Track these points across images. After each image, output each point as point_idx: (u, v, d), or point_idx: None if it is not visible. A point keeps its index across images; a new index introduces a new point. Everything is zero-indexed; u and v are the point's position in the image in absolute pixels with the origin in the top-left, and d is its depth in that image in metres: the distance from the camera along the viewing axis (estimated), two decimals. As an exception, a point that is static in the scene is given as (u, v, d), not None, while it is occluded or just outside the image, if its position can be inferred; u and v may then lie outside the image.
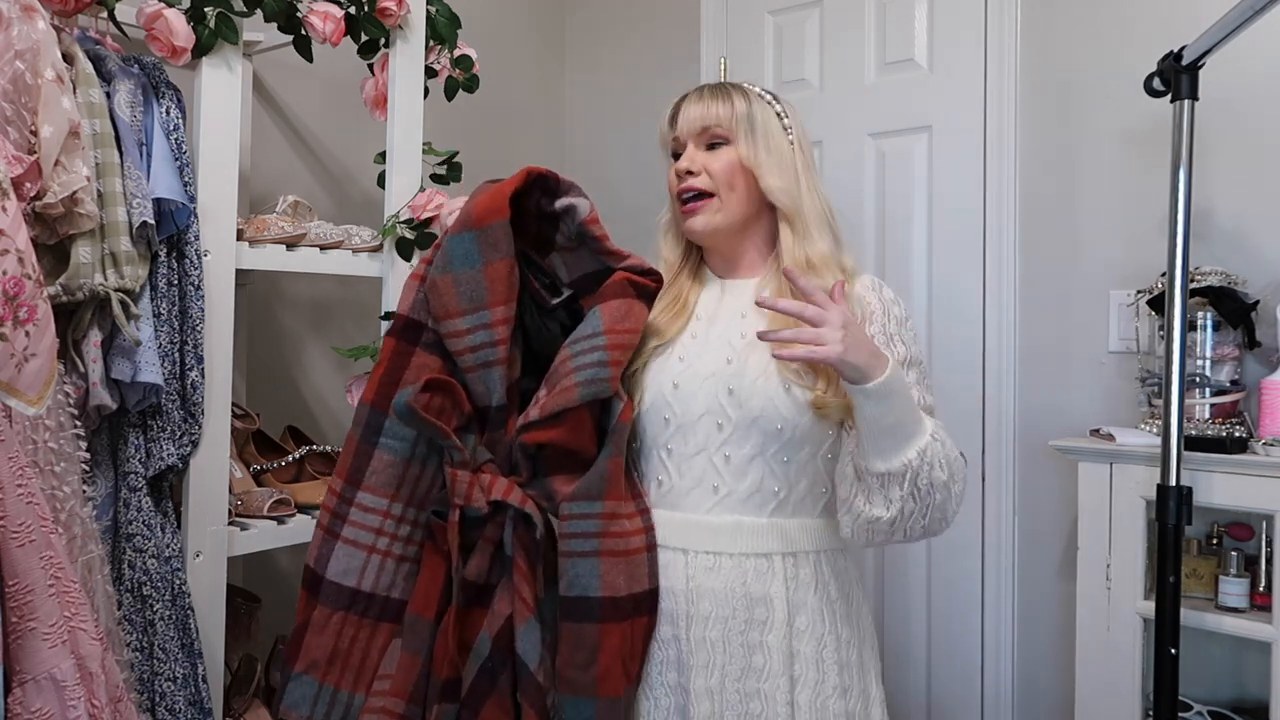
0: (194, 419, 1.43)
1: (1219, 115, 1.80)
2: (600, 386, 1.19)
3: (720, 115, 1.31)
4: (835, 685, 1.24)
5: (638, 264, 1.27)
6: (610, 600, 1.16)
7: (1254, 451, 1.65)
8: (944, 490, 1.17)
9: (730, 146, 1.31)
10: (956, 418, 2.16)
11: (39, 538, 1.06)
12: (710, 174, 1.31)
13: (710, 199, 1.31)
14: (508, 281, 1.23)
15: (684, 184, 1.32)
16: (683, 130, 1.34)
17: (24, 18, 1.19)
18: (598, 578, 1.16)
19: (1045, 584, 2.06)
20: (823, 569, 1.28)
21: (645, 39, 2.70)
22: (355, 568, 1.23)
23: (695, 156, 1.32)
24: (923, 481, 1.15)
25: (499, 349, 1.21)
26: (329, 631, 1.23)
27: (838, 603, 1.28)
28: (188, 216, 1.41)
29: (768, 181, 1.30)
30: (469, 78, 1.83)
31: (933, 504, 1.17)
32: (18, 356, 1.10)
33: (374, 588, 1.24)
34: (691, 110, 1.33)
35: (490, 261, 1.22)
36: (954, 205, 2.18)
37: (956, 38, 2.18)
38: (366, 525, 1.24)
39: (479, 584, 1.21)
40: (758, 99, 1.34)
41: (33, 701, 1.05)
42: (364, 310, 2.12)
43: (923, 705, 2.21)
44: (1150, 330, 1.83)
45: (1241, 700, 1.80)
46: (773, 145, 1.31)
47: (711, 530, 1.25)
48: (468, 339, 1.22)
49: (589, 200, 1.28)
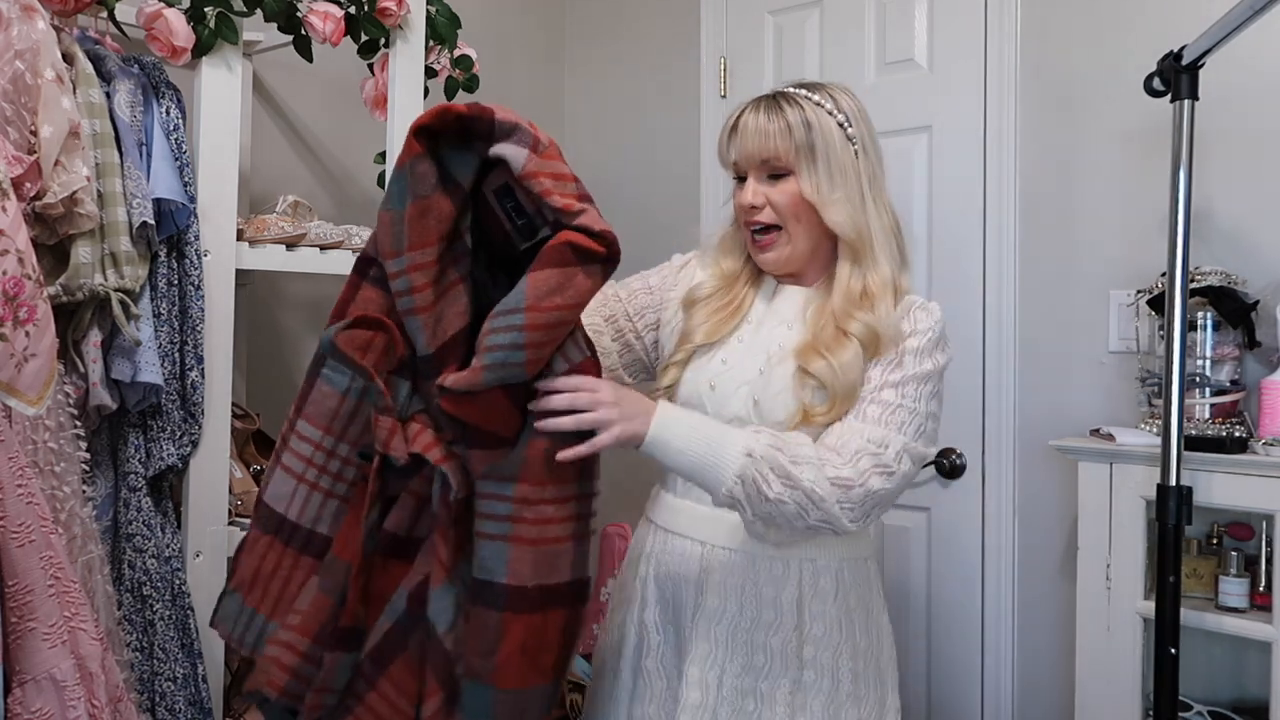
0: (194, 419, 1.44)
1: (1219, 115, 1.80)
2: (510, 371, 1.08)
3: (779, 147, 1.25)
4: (849, 693, 1.25)
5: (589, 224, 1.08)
6: (516, 589, 1.09)
7: (1254, 451, 1.65)
8: (779, 503, 1.12)
9: (792, 178, 1.26)
10: (957, 418, 2.16)
11: (39, 538, 1.06)
12: (774, 207, 1.27)
13: (779, 232, 1.28)
14: (434, 221, 1.11)
15: (750, 218, 1.29)
16: (741, 157, 1.29)
17: (24, 18, 1.20)
18: (504, 564, 1.09)
19: (1045, 584, 2.06)
20: (844, 577, 1.28)
21: (645, 39, 2.70)
22: (285, 494, 1.20)
23: (758, 190, 1.28)
24: (759, 503, 1.12)
25: (415, 297, 1.12)
26: (255, 553, 1.21)
27: (856, 612, 1.28)
28: (188, 216, 1.41)
29: (831, 217, 1.26)
30: (469, 78, 1.83)
31: (779, 516, 1.14)
32: (18, 356, 1.10)
33: (299, 518, 1.20)
34: (748, 135, 1.27)
35: (412, 201, 1.11)
36: (954, 205, 2.18)
37: (956, 38, 2.18)
38: (299, 454, 1.20)
39: (400, 536, 1.16)
40: (816, 110, 1.27)
41: (33, 701, 1.05)
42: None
43: (923, 705, 2.21)
44: (1150, 330, 1.83)
45: (1241, 700, 1.80)
46: (834, 170, 1.26)
47: (731, 527, 1.25)
48: (395, 283, 1.13)
49: (527, 149, 1.09)
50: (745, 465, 1.11)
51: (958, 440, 2.16)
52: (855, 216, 1.26)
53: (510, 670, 1.08)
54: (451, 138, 1.11)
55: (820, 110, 1.27)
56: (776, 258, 1.30)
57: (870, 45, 2.30)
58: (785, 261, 1.30)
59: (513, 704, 1.09)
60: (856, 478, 1.14)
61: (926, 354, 1.24)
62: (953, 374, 2.15)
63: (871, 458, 1.16)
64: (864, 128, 1.31)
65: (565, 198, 1.08)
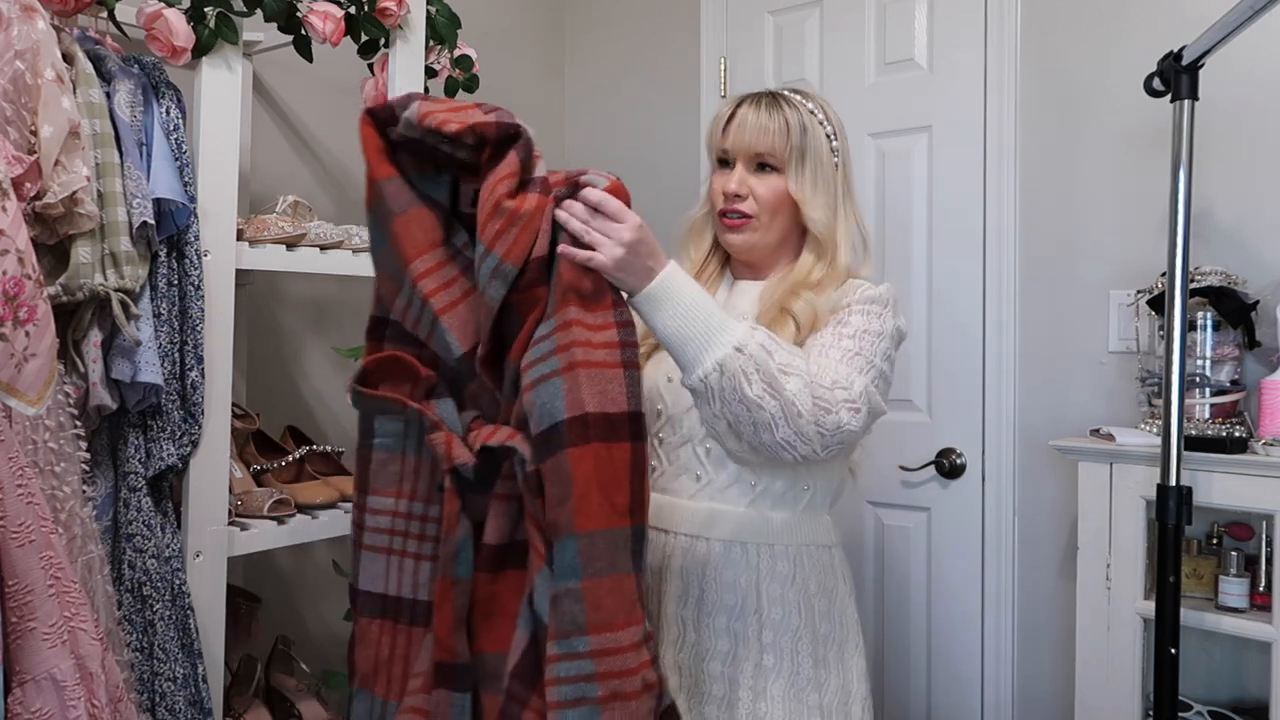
0: (194, 419, 1.44)
1: (1219, 115, 1.80)
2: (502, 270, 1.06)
3: (775, 144, 1.30)
4: (810, 679, 1.26)
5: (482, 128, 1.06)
6: (576, 420, 1.02)
7: (1254, 451, 1.65)
8: (754, 407, 1.09)
9: (779, 175, 1.31)
10: (957, 418, 2.16)
11: (39, 538, 1.06)
12: (756, 198, 1.32)
13: (751, 220, 1.32)
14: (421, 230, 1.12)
15: (730, 205, 1.33)
16: (734, 147, 1.33)
17: (24, 18, 1.19)
18: (561, 397, 1.02)
19: (1045, 584, 2.06)
20: (803, 563, 1.30)
21: (645, 39, 2.70)
22: (379, 573, 1.18)
23: (744, 179, 1.32)
24: (732, 400, 1.09)
25: (431, 302, 1.10)
26: (369, 641, 1.19)
27: (817, 597, 1.30)
28: (188, 216, 1.41)
29: (811, 214, 1.31)
30: (469, 78, 1.83)
31: (744, 422, 1.10)
32: (18, 356, 1.10)
33: (399, 590, 1.18)
34: (747, 128, 1.31)
35: (388, 228, 1.12)
36: (954, 205, 2.18)
37: (956, 38, 2.18)
38: (379, 528, 1.19)
39: (506, 544, 1.10)
40: (810, 118, 1.32)
41: (33, 701, 1.05)
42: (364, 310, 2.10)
43: (923, 705, 2.21)
44: (1150, 330, 1.83)
45: (1241, 700, 1.80)
46: (820, 175, 1.31)
47: (691, 515, 1.30)
48: (410, 313, 1.13)
49: (415, 102, 1.09)
50: (731, 356, 1.08)
51: (958, 440, 2.16)
52: (829, 219, 1.32)
53: (588, 509, 1.02)
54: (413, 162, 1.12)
55: (814, 119, 1.33)
56: (744, 241, 1.33)
57: (870, 45, 2.30)
58: (750, 248, 1.34)
59: (597, 546, 1.02)
60: (833, 405, 1.12)
61: (874, 314, 1.25)
62: (953, 374, 2.17)
63: (842, 391, 1.14)
64: (845, 145, 1.37)
65: (455, 123, 1.06)
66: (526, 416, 1.05)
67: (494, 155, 1.07)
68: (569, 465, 1.02)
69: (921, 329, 2.21)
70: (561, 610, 1.02)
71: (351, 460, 1.89)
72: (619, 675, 1.02)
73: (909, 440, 2.20)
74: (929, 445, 2.19)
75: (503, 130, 1.06)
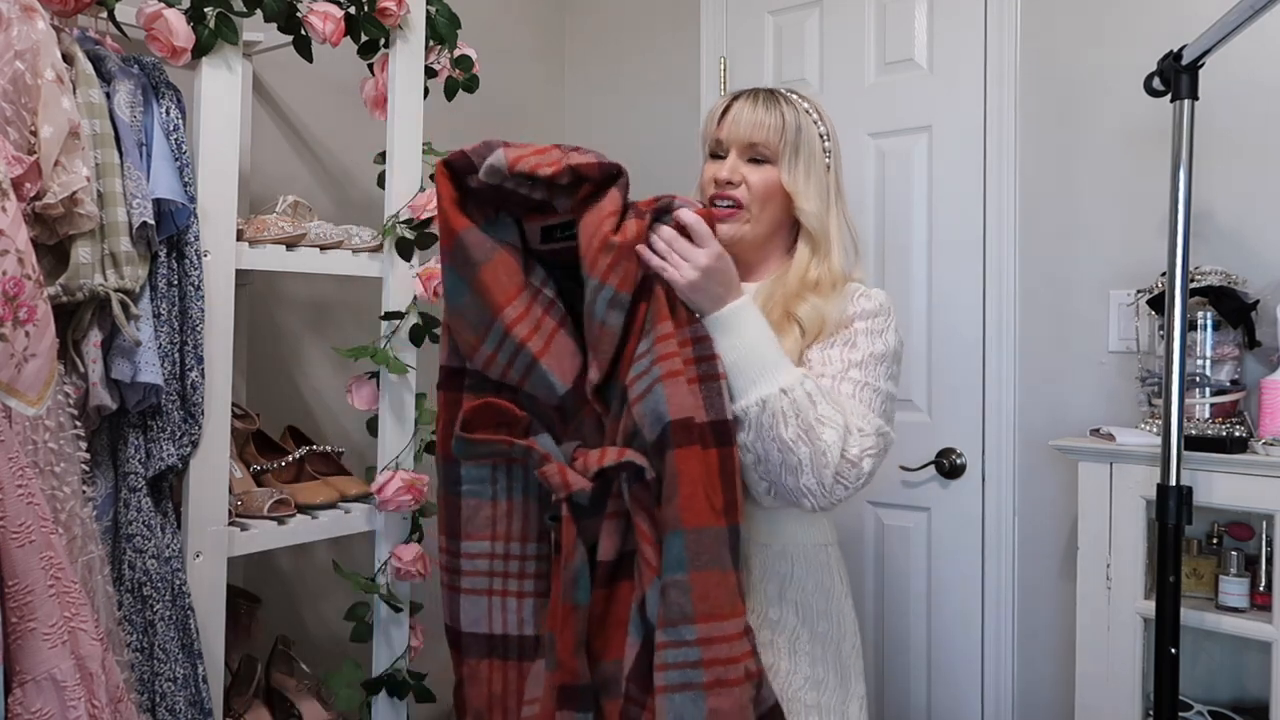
0: (194, 419, 1.43)
1: (1219, 115, 1.80)
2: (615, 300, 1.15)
3: (769, 134, 1.31)
4: (808, 677, 1.26)
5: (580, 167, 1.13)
6: (680, 423, 1.10)
7: (1254, 451, 1.65)
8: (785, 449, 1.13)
9: (772, 166, 1.32)
10: (957, 418, 2.16)
11: (39, 538, 1.06)
12: (749, 186, 1.32)
13: (741, 210, 1.33)
14: (506, 275, 1.17)
15: (721, 192, 1.33)
16: (729, 137, 1.34)
17: (24, 18, 1.19)
18: (665, 403, 1.10)
19: (1045, 584, 2.06)
20: (800, 563, 1.30)
21: (645, 39, 2.70)
22: (483, 614, 1.23)
23: (737, 167, 1.33)
24: (766, 433, 1.13)
25: (528, 346, 1.16)
26: (480, 681, 1.24)
27: (815, 597, 1.30)
28: (188, 216, 1.41)
29: (803, 205, 1.32)
30: (469, 78, 1.83)
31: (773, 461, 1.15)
32: (18, 357, 1.10)
33: (505, 629, 1.23)
34: (742, 120, 1.33)
35: (474, 278, 1.17)
36: (954, 205, 2.18)
37: (956, 38, 2.18)
38: (478, 571, 1.24)
39: (615, 560, 1.16)
40: (805, 116, 1.34)
41: (33, 701, 1.05)
42: (364, 310, 2.11)
43: (923, 705, 2.21)
44: (1150, 330, 1.83)
45: (1241, 700, 1.80)
46: (813, 169, 1.33)
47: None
48: (499, 358, 1.18)
49: (499, 149, 1.16)
50: (775, 396, 1.13)
51: (958, 440, 2.16)
52: (821, 214, 1.33)
53: (693, 507, 1.09)
54: (479, 210, 1.19)
55: (808, 118, 1.35)
56: (732, 232, 1.32)
57: (870, 45, 2.30)
58: (738, 239, 1.32)
59: (702, 542, 1.09)
60: (859, 458, 1.16)
61: (878, 334, 1.27)
62: (953, 374, 2.17)
63: (865, 438, 1.17)
64: (837, 148, 1.39)
65: (549, 166, 1.13)
66: (638, 429, 1.12)
67: (594, 193, 1.15)
68: (675, 464, 1.09)
69: (922, 329, 2.21)
70: (670, 601, 1.08)
71: (351, 461, 1.91)
72: (723, 663, 1.07)
73: (909, 440, 2.20)
74: (929, 445, 2.19)
75: (604, 170, 1.14)
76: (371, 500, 1.72)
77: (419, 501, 1.72)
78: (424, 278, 1.70)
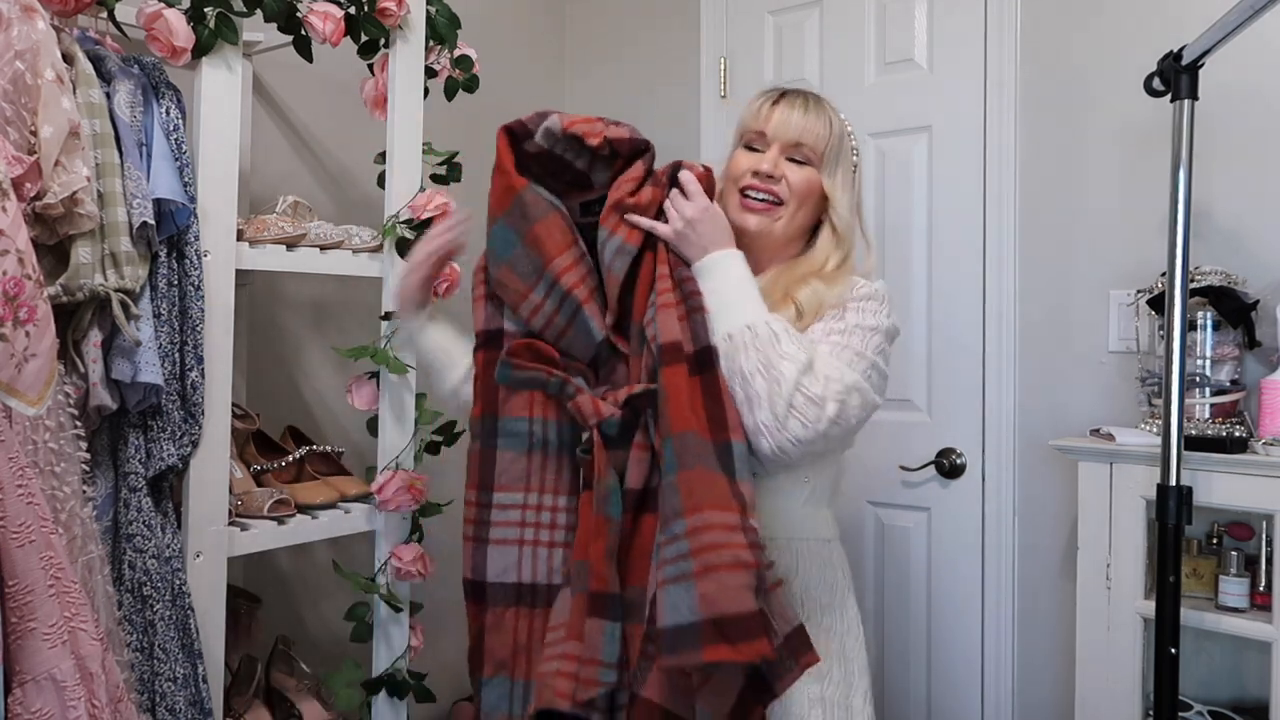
0: (194, 419, 1.43)
1: (1219, 115, 1.80)
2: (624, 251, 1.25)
3: (819, 137, 1.33)
4: (811, 670, 1.25)
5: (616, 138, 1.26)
6: (670, 346, 1.19)
7: (1254, 451, 1.65)
8: (744, 381, 1.17)
9: (813, 168, 1.34)
10: (957, 418, 2.16)
11: (39, 538, 1.06)
12: (790, 184, 1.33)
13: (778, 207, 1.33)
14: (559, 233, 1.26)
15: (759, 184, 1.33)
16: (776, 134, 1.34)
17: (24, 18, 1.19)
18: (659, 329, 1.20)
19: (1045, 584, 2.06)
20: (804, 557, 1.30)
21: (645, 39, 2.70)
22: (512, 564, 1.25)
23: (779, 163, 1.33)
24: (731, 366, 1.19)
25: (575, 294, 1.24)
26: (505, 630, 1.25)
27: (819, 590, 1.30)
28: (188, 216, 1.41)
29: (839, 210, 1.35)
30: (469, 78, 1.83)
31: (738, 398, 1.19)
32: (18, 356, 1.10)
33: (534, 577, 1.25)
34: (793, 121, 1.34)
35: (528, 229, 1.25)
36: (954, 205, 2.18)
37: (956, 38, 2.18)
38: (510, 521, 1.26)
39: (643, 490, 1.20)
40: (842, 124, 1.37)
41: (33, 701, 1.05)
42: (364, 310, 2.11)
43: (923, 705, 2.21)
44: (1150, 330, 1.83)
45: (1241, 700, 1.80)
46: (846, 177, 1.36)
47: None
48: (547, 305, 1.25)
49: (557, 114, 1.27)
50: (740, 330, 1.19)
51: (958, 440, 2.17)
52: (851, 222, 1.37)
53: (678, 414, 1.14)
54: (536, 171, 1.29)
55: (844, 126, 1.38)
56: (764, 225, 1.33)
57: (870, 45, 2.30)
58: (766, 233, 1.34)
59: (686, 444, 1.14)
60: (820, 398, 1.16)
61: (870, 312, 1.29)
62: (953, 374, 2.17)
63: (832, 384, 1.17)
64: (860, 160, 1.42)
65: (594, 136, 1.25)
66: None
67: (625, 164, 1.27)
68: (663, 381, 1.17)
69: (922, 329, 2.21)
70: (665, 500, 1.14)
71: (351, 461, 1.91)
72: (711, 549, 1.10)
73: (909, 440, 2.20)
74: (929, 445, 2.19)
75: (634, 145, 1.26)
76: (371, 500, 1.72)
77: (419, 501, 1.72)
78: (424, 278, 1.70)
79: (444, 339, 1.48)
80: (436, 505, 1.79)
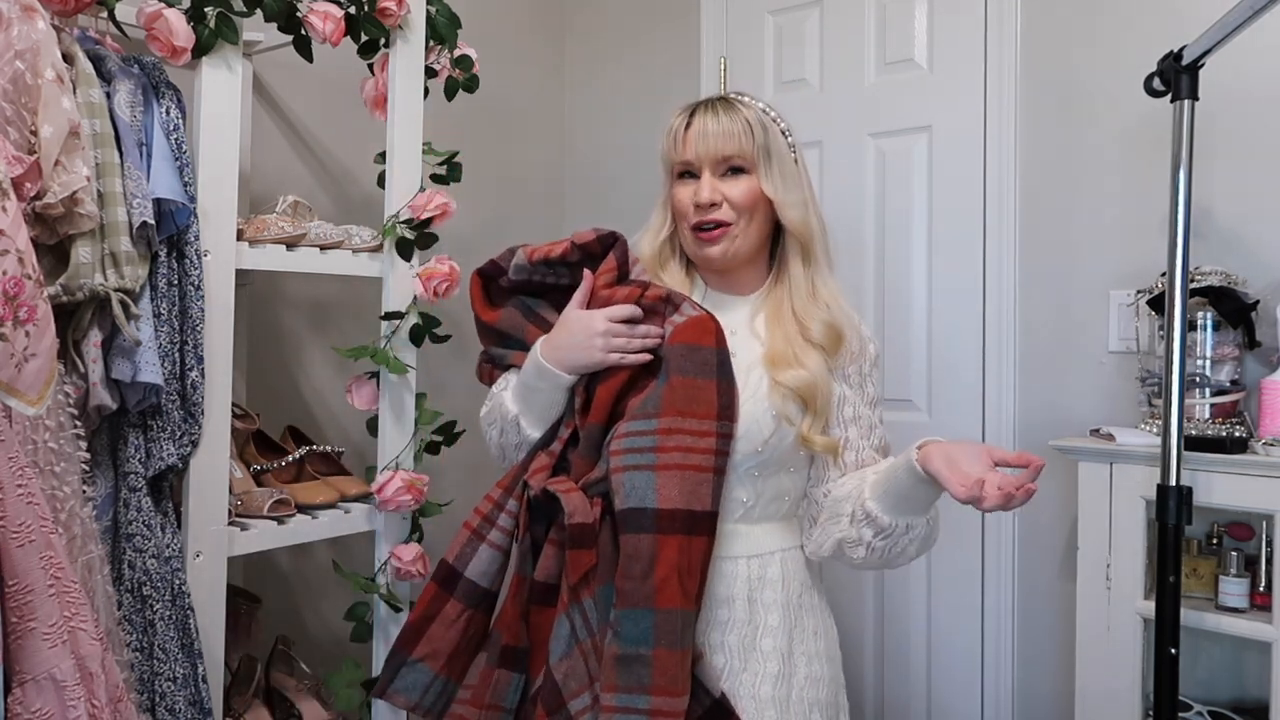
0: (194, 419, 1.43)
1: (1219, 115, 1.80)
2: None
3: (742, 145, 1.28)
4: (807, 675, 1.27)
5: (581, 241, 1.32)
6: (667, 513, 1.15)
7: (1254, 451, 1.65)
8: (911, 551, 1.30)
9: (749, 175, 1.29)
10: (957, 418, 2.16)
11: (39, 538, 1.06)
12: (731, 202, 1.29)
13: (728, 227, 1.29)
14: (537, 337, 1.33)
15: (705, 216, 1.29)
16: (700, 155, 1.29)
17: (24, 18, 1.19)
18: (653, 490, 1.15)
19: (1045, 584, 2.06)
20: (787, 566, 1.31)
21: (645, 39, 2.70)
22: (494, 570, 1.27)
23: (715, 186, 1.28)
24: (897, 546, 1.29)
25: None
26: (457, 627, 1.26)
27: (801, 596, 1.31)
28: (188, 216, 1.41)
29: (788, 213, 1.30)
30: (469, 78, 1.83)
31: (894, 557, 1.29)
32: (18, 356, 1.10)
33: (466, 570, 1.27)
34: (710, 133, 1.28)
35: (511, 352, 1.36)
36: (954, 205, 2.18)
37: (956, 38, 2.18)
38: (480, 510, 1.28)
39: (549, 584, 1.21)
40: (764, 116, 1.31)
41: (33, 701, 1.05)
42: (364, 310, 2.11)
43: (923, 705, 2.21)
44: (1150, 330, 1.83)
45: (1241, 700, 1.80)
46: (786, 170, 1.30)
47: None
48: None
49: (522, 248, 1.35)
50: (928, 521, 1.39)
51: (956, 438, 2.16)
52: (805, 217, 1.32)
53: (667, 590, 1.13)
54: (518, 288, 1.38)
55: (767, 117, 1.32)
56: (724, 250, 1.30)
57: (870, 45, 2.30)
58: (730, 256, 1.31)
59: (671, 624, 1.13)
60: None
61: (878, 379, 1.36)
62: (953, 374, 2.17)
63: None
64: (799, 148, 1.37)
65: (558, 247, 1.32)
66: (610, 492, 1.18)
67: (602, 256, 1.31)
68: (654, 547, 1.14)
69: (921, 329, 2.21)
70: (631, 671, 1.13)
71: (351, 461, 1.91)
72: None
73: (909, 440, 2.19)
74: (929, 445, 2.19)
75: (602, 240, 1.31)
76: (371, 500, 1.72)
77: (419, 501, 1.72)
78: (424, 278, 1.70)
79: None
80: (436, 505, 1.79)
